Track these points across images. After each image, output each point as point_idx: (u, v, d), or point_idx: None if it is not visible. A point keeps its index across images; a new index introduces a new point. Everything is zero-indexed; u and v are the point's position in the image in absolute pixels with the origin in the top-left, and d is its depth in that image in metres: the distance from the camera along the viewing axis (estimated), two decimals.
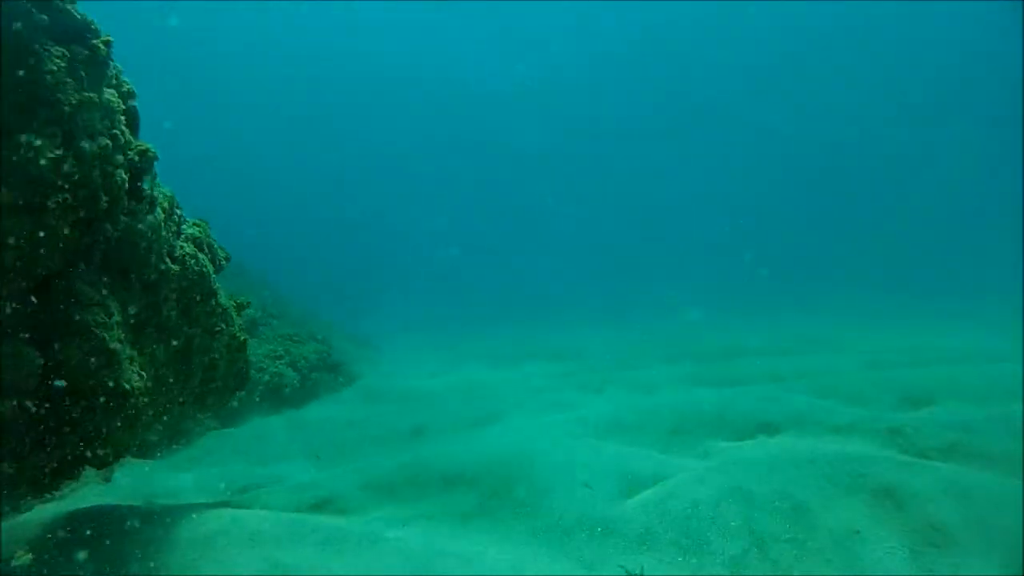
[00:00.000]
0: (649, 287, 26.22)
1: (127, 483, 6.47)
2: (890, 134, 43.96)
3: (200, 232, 4.55)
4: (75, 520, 4.12)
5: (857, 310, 18.40)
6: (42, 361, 2.87)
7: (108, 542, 3.71)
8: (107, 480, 5.99)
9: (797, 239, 37.09)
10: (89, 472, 5.35)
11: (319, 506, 4.81)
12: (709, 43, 46.38)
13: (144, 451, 7.09)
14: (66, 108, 2.68)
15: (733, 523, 3.99)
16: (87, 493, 5.99)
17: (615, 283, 29.03)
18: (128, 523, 3.98)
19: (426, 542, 3.89)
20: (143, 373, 3.33)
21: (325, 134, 49.19)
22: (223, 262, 5.07)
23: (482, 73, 49.34)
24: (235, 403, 9.33)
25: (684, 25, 45.36)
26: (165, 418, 5.64)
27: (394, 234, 44.39)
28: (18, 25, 2.40)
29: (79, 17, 2.87)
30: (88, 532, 3.89)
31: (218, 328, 4.70)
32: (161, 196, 4.12)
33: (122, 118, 3.39)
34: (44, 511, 4.79)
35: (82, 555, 3.46)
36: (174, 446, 7.92)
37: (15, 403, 2.80)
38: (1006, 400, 6.50)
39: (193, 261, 4.28)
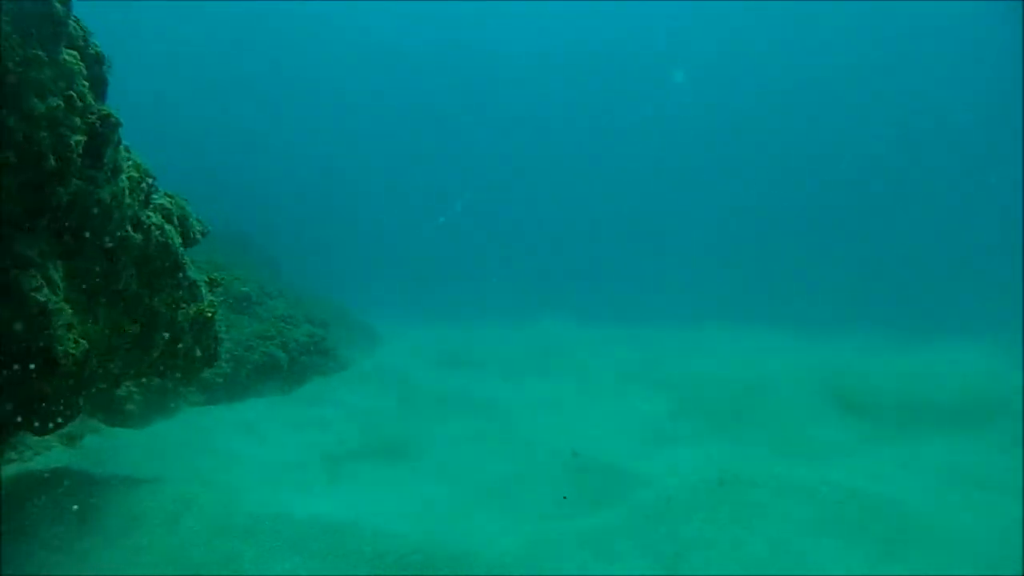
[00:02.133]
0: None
1: (94, 448, 6.49)
2: (887, 134, 42.99)
3: (171, 204, 4.51)
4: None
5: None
6: None
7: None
8: (72, 444, 6.01)
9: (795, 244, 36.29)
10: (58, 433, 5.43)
11: None
12: (702, 44, 45.76)
13: (124, 420, 7.15)
14: (9, 64, 2.63)
15: None
16: (57, 455, 6.04)
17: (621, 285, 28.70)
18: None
19: None
20: (81, 340, 3.28)
21: (350, 120, 49.29)
22: (198, 236, 5.02)
23: (499, 54, 48.83)
24: (219, 380, 9.37)
25: (683, 27, 44.87)
26: (127, 386, 5.62)
27: (410, 223, 44.35)
28: None
29: None
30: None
31: (183, 302, 4.66)
32: (129, 164, 4.09)
33: (85, 82, 3.35)
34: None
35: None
36: (157, 418, 7.96)
37: None
38: None
39: (158, 232, 4.23)
